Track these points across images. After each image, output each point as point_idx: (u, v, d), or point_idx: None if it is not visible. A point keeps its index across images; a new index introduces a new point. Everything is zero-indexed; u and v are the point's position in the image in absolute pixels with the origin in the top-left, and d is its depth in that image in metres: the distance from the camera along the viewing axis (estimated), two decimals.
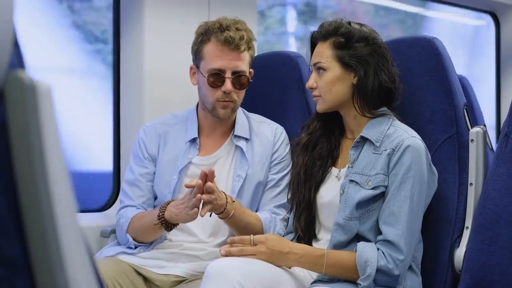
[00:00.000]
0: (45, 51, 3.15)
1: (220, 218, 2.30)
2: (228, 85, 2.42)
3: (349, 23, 2.22)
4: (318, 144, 2.30)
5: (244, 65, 2.46)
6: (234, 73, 2.43)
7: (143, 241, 2.41)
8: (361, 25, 2.23)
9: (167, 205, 2.27)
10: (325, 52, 2.21)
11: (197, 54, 2.48)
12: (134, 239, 2.40)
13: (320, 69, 2.22)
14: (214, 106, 2.46)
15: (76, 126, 3.22)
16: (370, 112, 2.20)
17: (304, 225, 2.26)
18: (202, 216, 2.17)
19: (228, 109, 2.46)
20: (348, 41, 2.18)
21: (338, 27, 2.20)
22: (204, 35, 2.45)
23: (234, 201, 2.33)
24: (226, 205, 2.26)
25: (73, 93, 3.29)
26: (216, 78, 2.42)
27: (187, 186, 2.20)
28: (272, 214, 2.46)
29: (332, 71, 2.20)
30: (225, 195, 2.28)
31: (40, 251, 0.67)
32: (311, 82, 2.25)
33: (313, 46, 2.28)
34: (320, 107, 2.25)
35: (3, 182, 0.66)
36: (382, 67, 2.17)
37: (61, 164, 0.68)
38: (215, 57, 2.42)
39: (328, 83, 2.20)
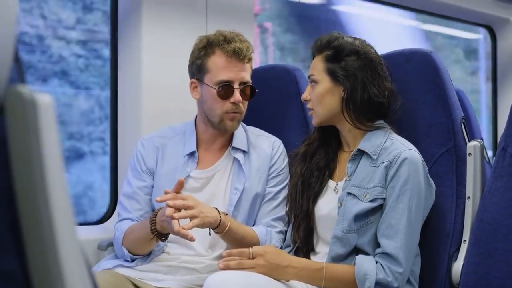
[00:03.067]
0: None
1: (217, 233, 2.29)
2: (237, 96, 2.42)
3: (342, 36, 2.24)
4: (315, 155, 2.31)
5: (248, 76, 2.47)
6: (241, 84, 2.44)
7: (138, 253, 2.41)
8: (354, 38, 2.24)
9: (155, 217, 2.26)
10: (318, 65, 2.23)
11: (200, 68, 2.46)
12: (130, 252, 2.40)
13: (313, 81, 2.24)
14: (221, 118, 2.45)
15: None
16: (364, 125, 2.21)
17: (303, 236, 2.27)
18: (192, 240, 2.15)
19: (235, 121, 2.47)
20: (338, 55, 2.19)
21: (330, 40, 2.22)
22: (207, 48, 2.44)
23: (227, 214, 2.32)
24: (220, 219, 2.25)
25: None
26: (226, 89, 2.42)
27: (158, 201, 2.20)
28: (268, 227, 2.46)
29: (322, 84, 2.21)
30: (217, 210, 2.27)
31: (39, 265, 0.67)
32: (305, 94, 2.28)
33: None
34: (314, 121, 2.28)
35: (2, 196, 0.66)
36: (372, 81, 2.18)
37: (60, 178, 0.68)
38: (223, 68, 2.42)
39: (319, 95, 2.22)
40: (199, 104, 2.53)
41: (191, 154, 2.51)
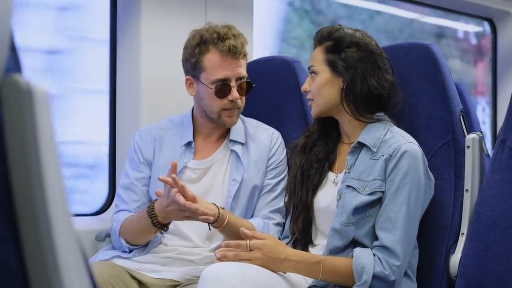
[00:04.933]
0: None
1: (215, 227, 2.29)
2: (235, 93, 2.42)
3: (343, 28, 2.23)
4: (315, 147, 2.31)
5: (244, 70, 2.46)
6: (237, 79, 2.43)
7: (136, 243, 2.41)
8: (355, 30, 2.24)
9: (153, 210, 2.26)
10: (318, 56, 2.23)
11: (195, 66, 2.44)
12: (127, 242, 2.40)
13: (313, 72, 2.24)
14: (219, 115, 2.45)
15: None
16: (364, 117, 2.20)
17: (302, 227, 2.27)
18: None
19: (234, 117, 2.47)
20: (338, 46, 2.19)
21: (331, 32, 2.22)
22: (201, 45, 2.42)
23: (223, 208, 2.32)
24: (218, 213, 2.25)
25: None
26: (223, 88, 2.41)
27: (157, 194, 2.24)
28: (266, 219, 2.46)
29: (322, 75, 2.21)
30: (215, 205, 2.27)
31: (35, 255, 0.67)
32: (305, 85, 2.28)
33: None
34: (313, 111, 2.27)
35: None
36: (371, 73, 2.17)
37: (56, 168, 0.68)
38: (218, 67, 2.41)
39: (318, 86, 2.22)
40: (196, 100, 2.53)
41: (188, 144, 2.51)
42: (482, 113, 5.23)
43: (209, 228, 2.30)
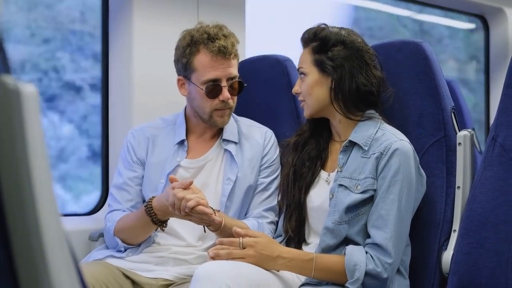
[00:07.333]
0: None
1: (213, 231, 2.29)
2: (226, 93, 2.42)
3: (328, 27, 2.24)
4: (306, 145, 2.31)
5: (235, 70, 2.46)
6: (228, 79, 2.43)
7: (132, 242, 2.41)
8: (340, 28, 2.24)
9: (151, 208, 2.27)
10: (305, 58, 2.24)
11: (186, 66, 2.44)
12: (123, 242, 2.40)
13: (302, 74, 2.25)
14: (211, 115, 2.45)
15: None
16: (355, 115, 2.21)
17: (295, 226, 2.27)
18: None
19: (225, 117, 2.47)
20: (324, 45, 2.20)
21: (316, 32, 2.23)
22: (191, 46, 2.42)
23: (219, 211, 2.32)
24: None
25: None
26: (214, 88, 2.41)
27: (172, 180, 2.23)
28: (260, 218, 2.46)
29: (311, 76, 2.22)
30: (212, 208, 2.27)
31: (24, 256, 0.67)
32: (296, 87, 2.29)
33: None
34: (306, 112, 2.28)
35: None
36: (359, 70, 2.18)
37: (45, 168, 0.68)
38: (209, 67, 2.40)
39: (308, 87, 2.22)
40: (188, 100, 2.53)
41: (181, 143, 2.51)
42: None
43: (204, 231, 2.30)
